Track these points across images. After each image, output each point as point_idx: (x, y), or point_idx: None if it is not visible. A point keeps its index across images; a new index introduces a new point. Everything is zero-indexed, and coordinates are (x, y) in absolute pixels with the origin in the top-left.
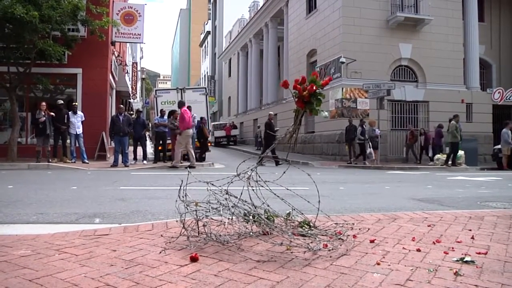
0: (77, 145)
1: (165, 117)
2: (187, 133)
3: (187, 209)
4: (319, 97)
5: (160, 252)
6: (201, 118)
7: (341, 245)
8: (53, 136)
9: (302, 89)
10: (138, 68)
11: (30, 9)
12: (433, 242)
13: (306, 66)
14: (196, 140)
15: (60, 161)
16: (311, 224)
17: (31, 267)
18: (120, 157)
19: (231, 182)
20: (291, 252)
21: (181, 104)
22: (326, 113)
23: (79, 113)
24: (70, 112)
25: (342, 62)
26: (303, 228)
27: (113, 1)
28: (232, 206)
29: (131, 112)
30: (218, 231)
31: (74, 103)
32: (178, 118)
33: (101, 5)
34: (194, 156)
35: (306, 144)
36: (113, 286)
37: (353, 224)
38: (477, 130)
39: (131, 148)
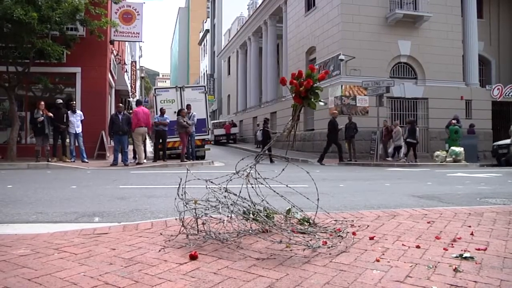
0: (76, 144)
1: (165, 115)
2: (138, 130)
3: (186, 207)
4: (316, 91)
5: (160, 251)
6: (266, 119)
7: (340, 242)
8: (53, 136)
9: (299, 84)
10: (137, 67)
11: (30, 10)
12: (433, 238)
13: (305, 64)
14: (196, 139)
15: (60, 161)
16: (310, 221)
17: (30, 266)
18: (119, 156)
19: (230, 180)
20: (291, 250)
21: (138, 102)
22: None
23: (78, 112)
24: (69, 112)
25: (341, 60)
26: (303, 225)
27: (111, 1)
28: (231, 204)
29: (130, 111)
30: (217, 229)
31: (72, 102)
32: (185, 116)
33: (100, 6)
34: (143, 154)
35: (306, 141)
36: (112, 285)
37: (353, 221)
38: (476, 126)
39: (130, 147)
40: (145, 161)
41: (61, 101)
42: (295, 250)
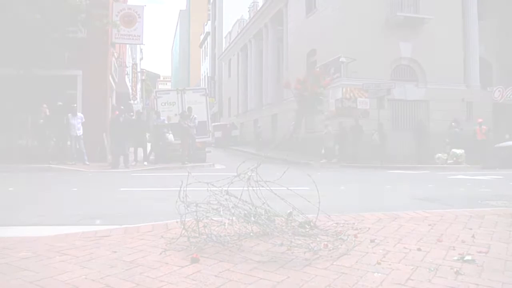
0: (77, 146)
1: (162, 117)
2: None
3: (188, 210)
4: (320, 97)
5: (161, 253)
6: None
7: (341, 244)
8: (54, 138)
9: (303, 89)
10: (138, 69)
11: (33, 11)
12: (434, 241)
13: (306, 66)
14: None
15: (61, 163)
16: (312, 224)
17: (32, 269)
18: (120, 158)
19: (231, 183)
20: (292, 252)
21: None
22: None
23: (79, 114)
24: (69, 114)
25: (342, 62)
26: (304, 228)
27: (112, 3)
28: (232, 207)
29: (131, 114)
30: (219, 232)
31: (73, 105)
32: (188, 118)
33: (101, 7)
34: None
35: (307, 144)
36: None
37: (354, 223)
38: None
39: (131, 149)
40: (146, 163)
41: (61, 103)
42: (296, 253)
